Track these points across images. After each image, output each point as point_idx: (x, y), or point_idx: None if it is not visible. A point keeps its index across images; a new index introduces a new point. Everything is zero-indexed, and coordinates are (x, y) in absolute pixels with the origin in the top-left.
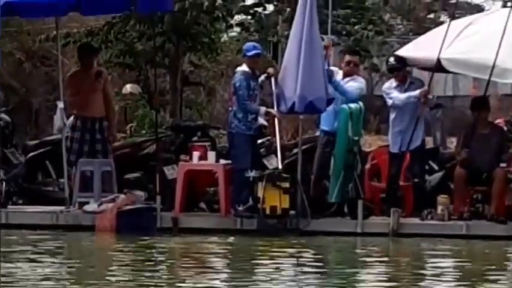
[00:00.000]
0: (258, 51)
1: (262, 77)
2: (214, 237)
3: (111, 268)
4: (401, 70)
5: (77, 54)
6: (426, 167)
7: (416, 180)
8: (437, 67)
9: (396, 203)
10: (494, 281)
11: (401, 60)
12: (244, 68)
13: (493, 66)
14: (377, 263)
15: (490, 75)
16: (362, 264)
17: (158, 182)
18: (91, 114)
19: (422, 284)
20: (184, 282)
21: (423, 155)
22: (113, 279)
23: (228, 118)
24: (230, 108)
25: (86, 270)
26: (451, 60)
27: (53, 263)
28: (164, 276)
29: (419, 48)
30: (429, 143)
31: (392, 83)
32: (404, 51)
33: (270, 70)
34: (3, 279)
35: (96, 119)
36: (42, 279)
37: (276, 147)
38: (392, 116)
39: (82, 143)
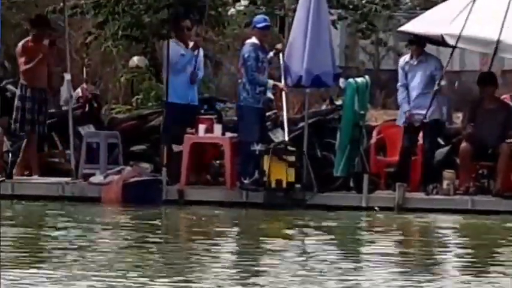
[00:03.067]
0: (268, 23)
1: (271, 54)
2: (219, 210)
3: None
4: (419, 44)
5: (31, 25)
6: None
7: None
8: (442, 42)
9: (405, 177)
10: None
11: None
12: (253, 40)
13: (498, 42)
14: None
15: (495, 50)
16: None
17: (164, 155)
18: (39, 85)
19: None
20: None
21: (435, 130)
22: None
23: (237, 91)
24: (239, 81)
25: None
26: (455, 36)
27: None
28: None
29: (425, 24)
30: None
31: (405, 59)
32: (411, 26)
33: (279, 46)
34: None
35: (42, 90)
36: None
37: (282, 120)
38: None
39: (33, 113)
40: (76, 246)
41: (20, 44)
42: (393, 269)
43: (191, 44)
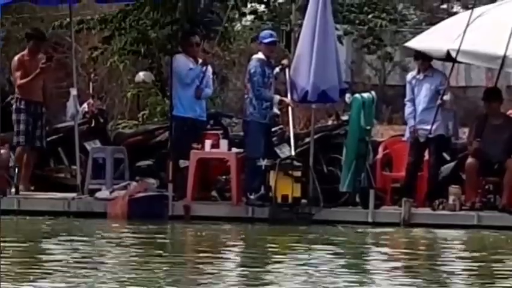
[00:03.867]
0: (274, 39)
1: (277, 69)
2: (225, 225)
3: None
4: (425, 59)
5: (27, 38)
6: None
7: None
8: (448, 57)
9: (412, 193)
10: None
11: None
12: (259, 55)
13: (504, 56)
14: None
15: (502, 65)
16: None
17: (170, 170)
18: (35, 99)
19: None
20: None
21: (440, 145)
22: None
23: (244, 106)
24: (246, 96)
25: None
26: (461, 51)
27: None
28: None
29: (431, 39)
30: None
31: (413, 73)
32: (416, 42)
33: (285, 61)
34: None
35: (38, 104)
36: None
37: (288, 136)
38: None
39: (28, 125)
40: (81, 262)
41: (15, 58)
42: (399, 284)
43: (200, 60)
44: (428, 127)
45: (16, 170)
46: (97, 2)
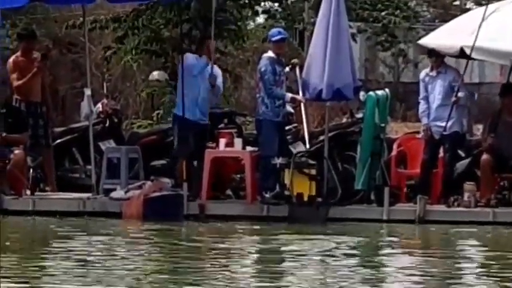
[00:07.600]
0: (283, 36)
1: (287, 68)
2: (240, 224)
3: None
4: (438, 56)
5: (18, 39)
6: None
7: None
8: (461, 54)
9: (427, 190)
10: None
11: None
12: (269, 53)
13: None
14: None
15: None
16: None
17: (184, 170)
18: (35, 99)
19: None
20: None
21: (455, 142)
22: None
23: (256, 105)
24: (258, 95)
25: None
26: (475, 47)
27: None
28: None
29: (445, 36)
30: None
31: (426, 71)
32: (430, 39)
33: (295, 60)
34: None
35: (38, 104)
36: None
37: (302, 134)
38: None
39: (30, 127)
40: (96, 261)
41: (10, 60)
42: (414, 281)
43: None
44: (443, 124)
45: (31, 170)
46: (110, 1)
